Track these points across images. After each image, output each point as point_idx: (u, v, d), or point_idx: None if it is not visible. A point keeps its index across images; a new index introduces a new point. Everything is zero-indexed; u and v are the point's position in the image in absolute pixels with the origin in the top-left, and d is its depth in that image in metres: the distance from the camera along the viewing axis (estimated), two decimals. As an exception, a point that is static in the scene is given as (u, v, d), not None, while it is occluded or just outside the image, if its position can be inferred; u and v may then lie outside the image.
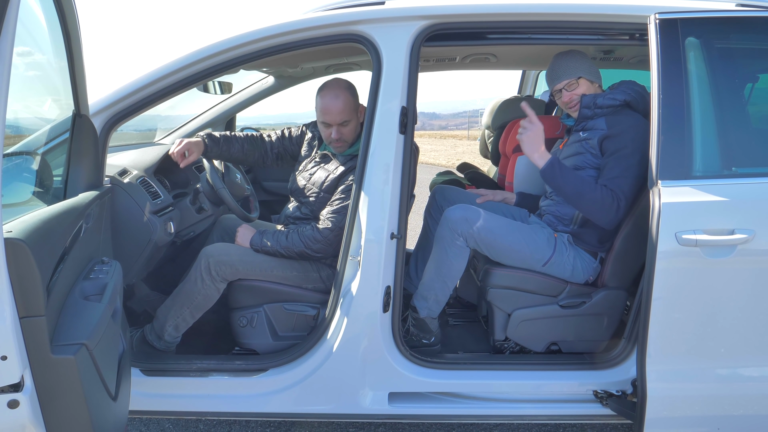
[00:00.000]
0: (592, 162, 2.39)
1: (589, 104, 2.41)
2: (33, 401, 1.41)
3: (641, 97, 2.41)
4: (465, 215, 2.34)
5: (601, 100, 2.39)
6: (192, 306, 2.41)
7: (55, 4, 1.75)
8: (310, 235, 2.37)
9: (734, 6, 2.12)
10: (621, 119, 2.35)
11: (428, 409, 2.28)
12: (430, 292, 2.41)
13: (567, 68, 2.46)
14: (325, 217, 2.39)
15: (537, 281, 2.41)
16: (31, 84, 1.88)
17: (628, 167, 2.25)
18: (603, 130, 2.36)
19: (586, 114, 2.43)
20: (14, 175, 1.76)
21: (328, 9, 2.26)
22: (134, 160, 2.66)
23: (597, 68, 2.51)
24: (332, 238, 2.36)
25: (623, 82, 2.51)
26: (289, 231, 2.43)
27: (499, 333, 2.48)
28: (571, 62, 2.45)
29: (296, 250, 2.39)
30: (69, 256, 1.61)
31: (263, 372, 2.26)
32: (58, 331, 1.48)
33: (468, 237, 2.33)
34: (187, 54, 2.16)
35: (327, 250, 2.39)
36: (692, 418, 2.08)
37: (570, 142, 2.52)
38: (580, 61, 2.46)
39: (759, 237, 1.90)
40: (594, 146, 2.37)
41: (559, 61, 2.49)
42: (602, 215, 2.25)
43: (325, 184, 2.47)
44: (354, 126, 2.48)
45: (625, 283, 2.41)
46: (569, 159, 2.46)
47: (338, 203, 2.39)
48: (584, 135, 2.43)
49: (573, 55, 2.48)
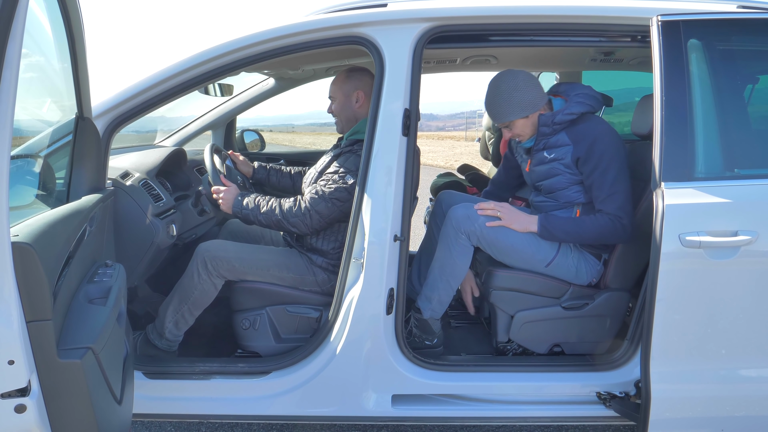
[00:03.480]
0: (572, 179, 2.39)
1: (547, 122, 2.38)
2: (40, 405, 1.40)
3: (595, 101, 2.40)
4: (468, 213, 2.35)
5: (560, 117, 2.35)
6: (190, 302, 2.41)
7: (60, 7, 1.75)
8: (288, 207, 2.34)
9: (735, 8, 2.13)
10: (583, 130, 2.33)
11: (431, 412, 2.28)
12: (434, 293, 2.41)
13: (497, 114, 2.41)
14: (307, 195, 2.35)
15: (540, 283, 2.41)
16: (35, 86, 1.88)
17: (613, 182, 2.26)
18: (568, 145, 2.35)
19: (545, 132, 2.40)
20: (17, 178, 1.75)
21: (330, 11, 2.26)
22: (136, 162, 2.65)
23: (534, 94, 2.37)
24: (308, 219, 2.31)
25: (571, 87, 2.46)
26: (270, 199, 2.39)
27: (501, 335, 2.48)
28: (502, 107, 2.39)
29: (274, 219, 2.35)
30: (74, 259, 1.61)
31: (266, 374, 2.26)
32: (64, 335, 1.47)
33: (471, 234, 2.34)
34: (190, 57, 2.15)
35: (302, 228, 2.34)
36: (696, 419, 2.08)
37: (535, 162, 2.48)
38: (509, 104, 2.37)
39: (762, 238, 1.90)
40: (569, 165, 2.36)
41: (490, 103, 2.43)
42: (614, 239, 2.30)
43: (323, 164, 2.48)
44: (340, 104, 2.51)
45: (627, 284, 2.41)
46: (545, 182, 2.45)
47: (322, 183, 2.35)
48: (551, 155, 2.40)
49: (502, 96, 2.38)
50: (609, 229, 2.25)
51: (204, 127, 3.76)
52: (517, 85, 2.36)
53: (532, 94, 2.36)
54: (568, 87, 2.48)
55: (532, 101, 2.37)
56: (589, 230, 2.27)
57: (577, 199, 2.40)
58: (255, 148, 4.26)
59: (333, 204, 2.31)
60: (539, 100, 2.38)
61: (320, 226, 2.35)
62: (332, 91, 2.53)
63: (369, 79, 2.50)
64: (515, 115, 2.38)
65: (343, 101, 2.51)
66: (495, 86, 2.41)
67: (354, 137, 2.45)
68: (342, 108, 2.52)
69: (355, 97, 2.49)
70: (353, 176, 2.30)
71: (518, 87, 2.36)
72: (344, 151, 2.42)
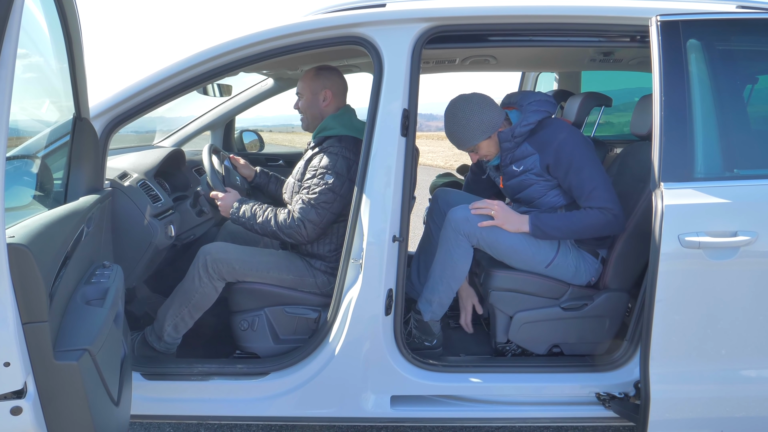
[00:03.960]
0: (547, 186, 2.40)
1: (507, 138, 2.39)
2: (36, 408, 1.40)
3: (549, 104, 2.40)
4: (467, 215, 2.35)
5: (518, 130, 2.36)
6: (190, 305, 2.40)
7: (56, 7, 1.74)
8: (281, 220, 2.34)
9: (735, 8, 2.12)
10: (544, 136, 2.35)
11: (430, 413, 2.27)
12: (435, 295, 2.41)
13: (460, 140, 2.42)
14: (295, 207, 2.34)
15: (539, 283, 2.40)
16: (32, 87, 1.87)
17: (589, 178, 2.27)
18: (533, 153, 2.36)
19: (508, 147, 2.42)
20: (15, 179, 1.75)
21: (329, 11, 2.26)
22: (134, 163, 2.65)
23: (490, 114, 2.37)
24: (303, 230, 2.31)
25: (522, 96, 2.47)
26: (267, 208, 2.39)
27: (501, 335, 2.48)
28: (463, 133, 2.40)
29: (269, 230, 2.36)
30: (71, 260, 1.60)
31: (265, 375, 2.25)
32: (60, 337, 1.47)
33: (471, 236, 2.34)
34: (188, 57, 2.15)
35: (298, 239, 2.35)
36: (696, 420, 2.08)
37: (507, 178, 2.50)
38: (468, 129, 2.38)
39: (762, 239, 1.90)
40: (540, 173, 2.38)
41: (450, 133, 2.43)
42: (608, 230, 2.29)
43: (299, 172, 2.48)
44: (307, 102, 2.51)
45: (626, 284, 2.41)
46: (522, 194, 2.46)
47: (305, 192, 2.35)
48: (519, 168, 2.41)
49: (460, 123, 2.39)
50: (601, 220, 2.25)
51: (203, 127, 3.76)
52: (473, 109, 2.37)
53: (488, 115, 2.38)
54: (519, 97, 2.49)
55: (490, 122, 2.38)
56: (582, 224, 2.27)
57: (557, 203, 2.42)
58: (254, 149, 4.25)
59: (322, 209, 2.31)
60: (497, 118, 2.40)
61: (316, 234, 2.35)
62: (300, 88, 2.53)
63: (337, 79, 2.52)
64: (477, 138, 2.39)
65: (310, 99, 2.51)
66: (451, 114, 2.42)
67: (322, 134, 2.45)
68: (309, 105, 2.52)
69: (323, 96, 2.49)
70: (331, 175, 2.31)
71: (474, 111, 2.37)
72: (315, 152, 2.42)
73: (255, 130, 4.42)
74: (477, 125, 2.37)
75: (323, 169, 2.33)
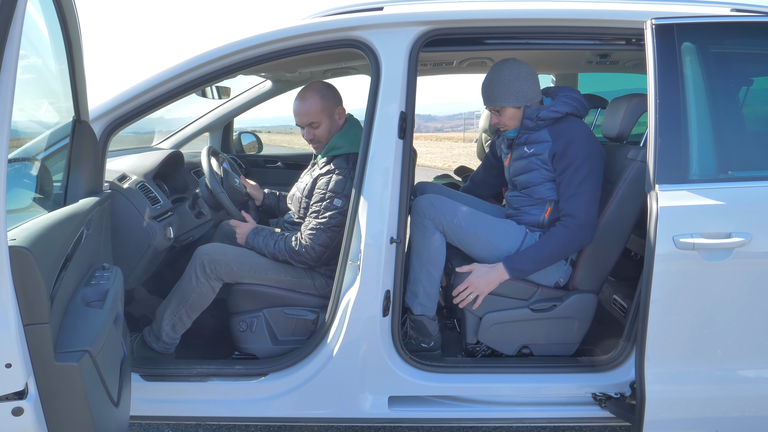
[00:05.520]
0: (546, 176, 2.41)
1: (531, 116, 2.40)
2: (37, 408, 1.41)
3: (581, 105, 2.43)
4: (431, 200, 2.38)
5: (544, 113, 2.38)
6: (187, 305, 2.41)
7: (56, 10, 1.75)
8: (291, 248, 2.39)
9: (729, 11, 2.14)
10: (564, 129, 2.36)
11: (428, 413, 2.29)
12: (418, 286, 2.41)
13: (493, 96, 2.43)
14: (305, 233, 2.38)
15: (508, 284, 2.38)
16: (32, 89, 1.88)
17: (581, 182, 2.28)
18: (548, 141, 2.38)
19: (528, 125, 2.43)
20: (14, 181, 1.75)
21: (326, 15, 2.27)
22: (133, 165, 2.66)
23: (531, 87, 2.40)
24: (313, 254, 2.36)
25: (560, 89, 2.50)
26: (278, 237, 2.43)
27: (470, 336, 2.47)
28: (499, 91, 2.40)
29: (281, 258, 2.42)
30: (71, 262, 1.61)
31: (263, 376, 2.26)
32: (61, 338, 1.48)
33: (435, 220, 2.36)
34: (187, 60, 2.16)
35: (310, 263, 2.40)
36: (691, 420, 2.09)
37: (515, 157, 2.51)
38: (507, 90, 2.39)
39: (755, 240, 1.92)
40: (545, 161, 2.39)
41: (488, 85, 2.44)
42: (579, 244, 2.32)
43: (306, 189, 2.50)
44: (327, 127, 2.48)
45: (595, 286, 2.43)
46: (521, 177, 2.48)
47: (314, 216, 2.38)
48: (530, 150, 2.43)
49: (503, 81, 2.39)
50: (569, 237, 2.27)
51: (201, 129, 3.77)
52: (519, 74, 2.39)
53: (529, 86, 2.40)
54: (557, 89, 2.51)
55: (528, 93, 2.40)
56: (553, 247, 2.29)
57: (549, 197, 2.43)
58: (252, 150, 4.27)
59: (333, 231, 2.34)
60: (535, 95, 2.42)
61: (326, 255, 2.38)
62: (314, 117, 2.45)
63: (335, 91, 2.53)
64: (509, 102, 2.41)
65: (329, 123, 2.49)
66: (498, 69, 2.43)
67: (332, 153, 2.47)
68: (328, 129, 2.49)
69: (338, 114, 2.50)
70: (340, 198, 2.34)
71: (519, 76, 2.39)
72: (323, 173, 2.44)
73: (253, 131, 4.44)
74: (516, 90, 2.39)
75: (332, 193, 2.36)
